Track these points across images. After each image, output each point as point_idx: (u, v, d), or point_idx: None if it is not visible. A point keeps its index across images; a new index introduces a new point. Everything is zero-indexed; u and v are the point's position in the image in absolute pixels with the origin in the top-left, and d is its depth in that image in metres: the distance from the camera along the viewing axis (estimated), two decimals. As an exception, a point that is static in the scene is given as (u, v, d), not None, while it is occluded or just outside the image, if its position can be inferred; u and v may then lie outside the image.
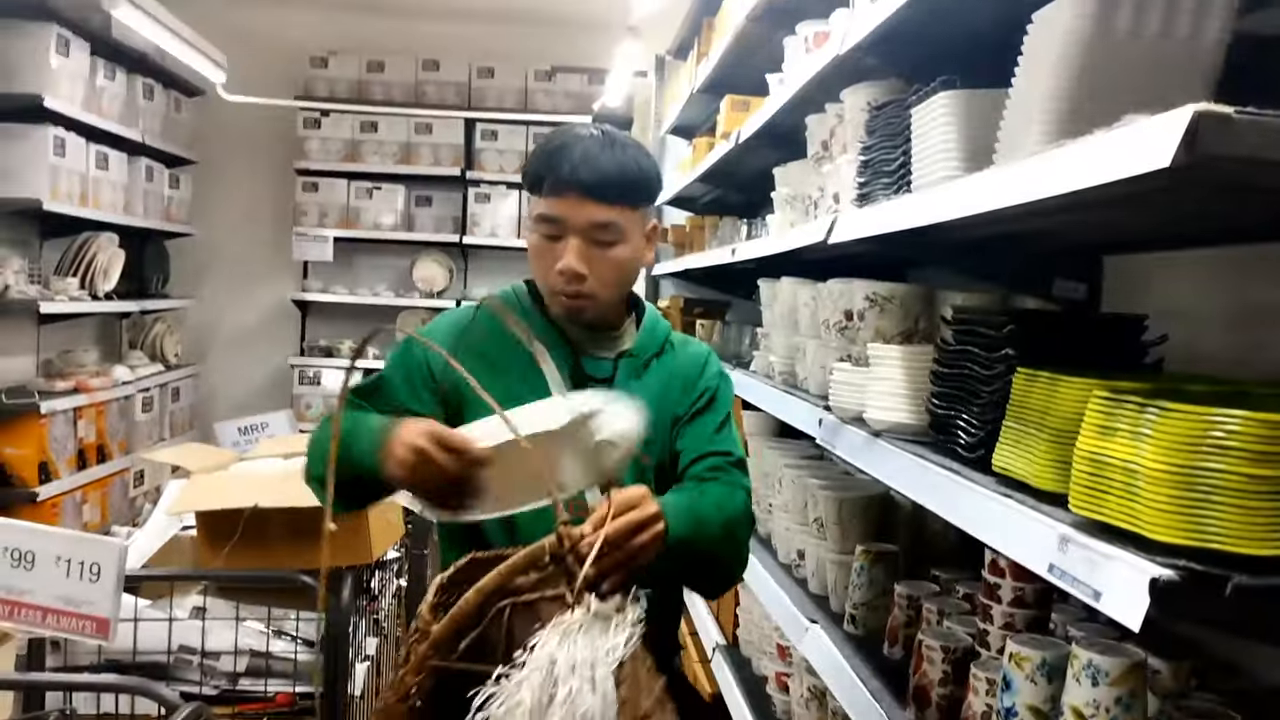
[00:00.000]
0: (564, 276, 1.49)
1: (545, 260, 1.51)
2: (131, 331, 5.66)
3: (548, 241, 1.50)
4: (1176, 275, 1.64)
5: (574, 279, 1.48)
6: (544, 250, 1.51)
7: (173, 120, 5.56)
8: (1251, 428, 0.82)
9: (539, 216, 1.51)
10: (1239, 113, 0.81)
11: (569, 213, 1.48)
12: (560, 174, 1.47)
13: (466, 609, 1.10)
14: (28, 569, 1.86)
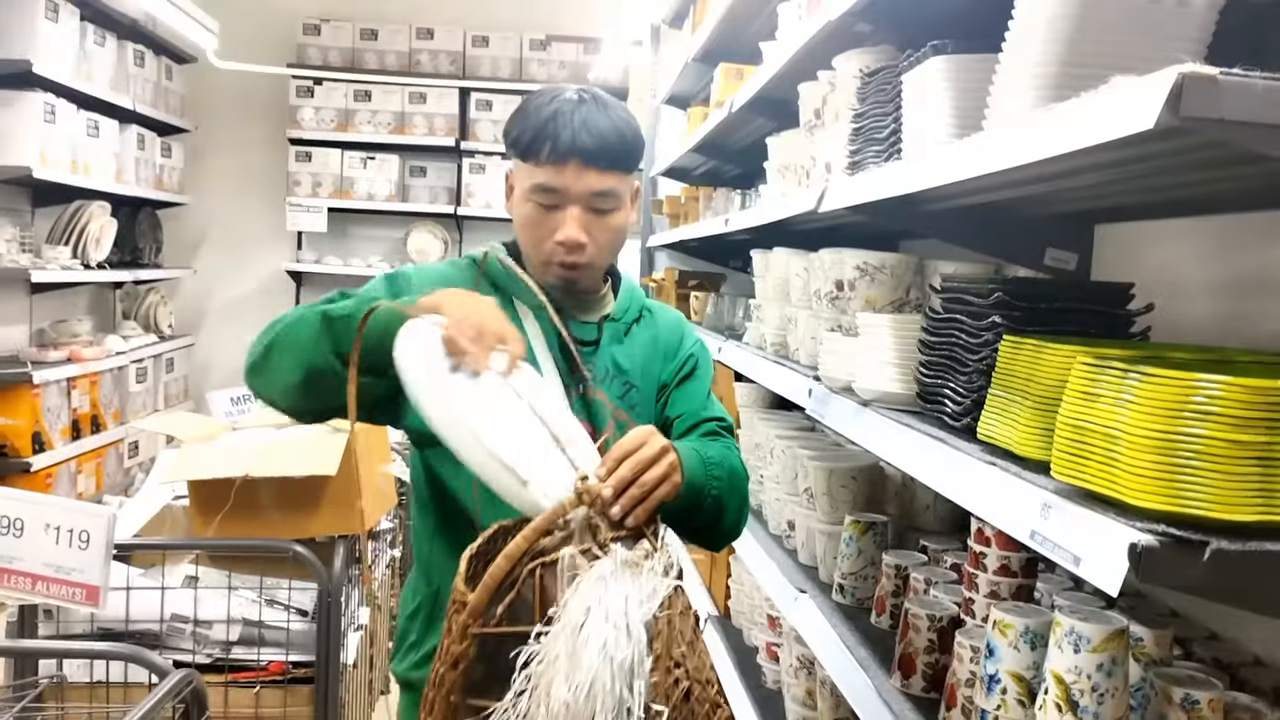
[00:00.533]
0: (565, 247, 1.44)
1: (540, 230, 1.45)
2: (125, 301, 5.64)
3: (544, 211, 1.44)
4: (1167, 245, 1.63)
5: (574, 249, 1.44)
6: (539, 220, 1.45)
7: (164, 88, 5.51)
8: (1233, 393, 0.82)
9: (537, 187, 1.43)
10: (1224, 74, 0.80)
11: (570, 182, 1.42)
12: (560, 142, 1.41)
13: (498, 575, 1.10)
14: (17, 536, 1.86)
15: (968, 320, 1.33)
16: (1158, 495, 0.84)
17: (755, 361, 2.44)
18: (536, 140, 1.43)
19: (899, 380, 1.53)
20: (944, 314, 1.40)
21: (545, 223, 1.44)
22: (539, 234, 1.46)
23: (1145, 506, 0.85)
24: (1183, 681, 1.16)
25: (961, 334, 1.34)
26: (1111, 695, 1.11)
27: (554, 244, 1.45)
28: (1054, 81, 1.13)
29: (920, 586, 1.66)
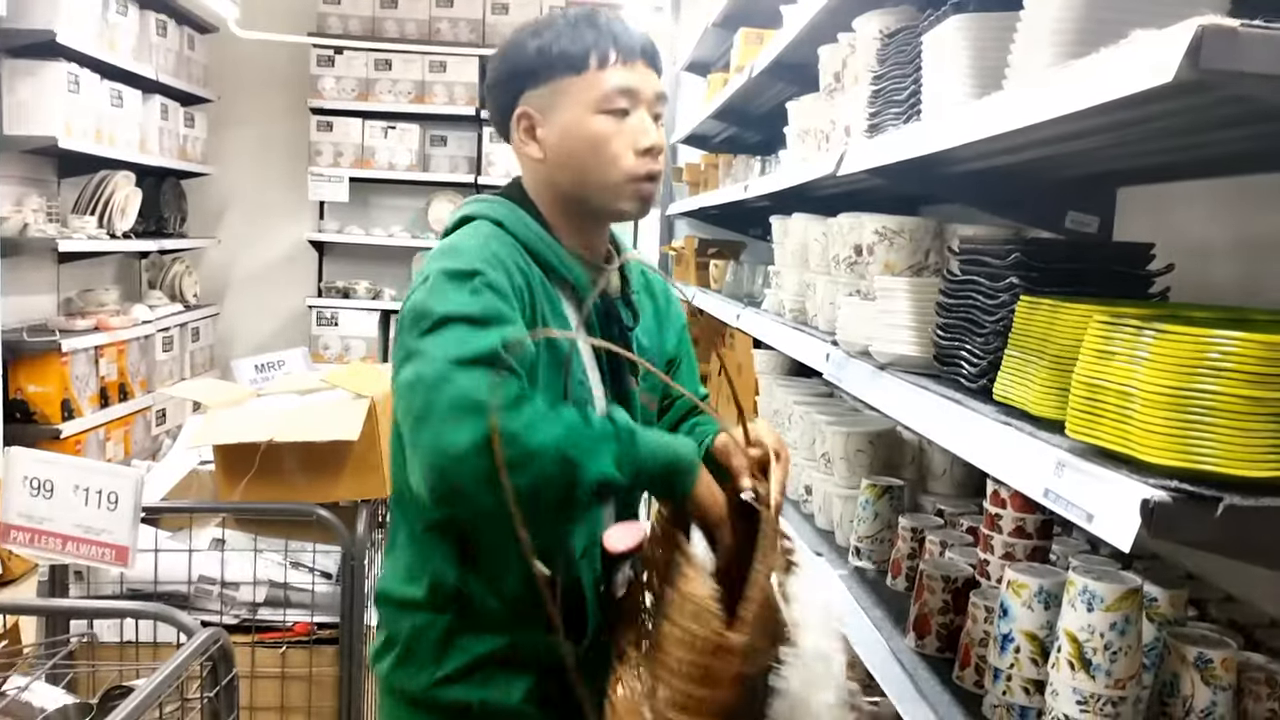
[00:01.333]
0: (651, 154, 1.33)
1: (618, 143, 1.31)
2: (150, 271, 5.70)
3: (618, 122, 1.31)
4: (1190, 206, 1.61)
5: (659, 155, 1.34)
6: (614, 132, 1.31)
7: (186, 58, 5.52)
8: (1249, 349, 0.82)
9: (612, 93, 1.30)
10: (1245, 26, 0.79)
11: (643, 83, 1.33)
12: (624, 41, 1.32)
13: (760, 613, 1.07)
14: (47, 497, 1.90)
15: (985, 282, 1.32)
16: (1171, 452, 0.84)
17: (774, 328, 2.44)
18: (600, 44, 1.32)
19: (916, 343, 1.53)
20: (962, 276, 1.40)
21: (620, 135, 1.32)
22: (616, 148, 1.32)
23: (1158, 463, 0.85)
24: (1196, 641, 1.16)
25: (979, 295, 1.33)
26: (1124, 653, 1.12)
27: (638, 156, 1.32)
28: (1074, 38, 1.11)
29: (936, 549, 1.67)
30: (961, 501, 1.97)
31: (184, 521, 2.46)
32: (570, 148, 1.33)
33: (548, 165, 1.36)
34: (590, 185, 1.34)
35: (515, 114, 1.36)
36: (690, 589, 1.08)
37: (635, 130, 1.32)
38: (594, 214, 1.39)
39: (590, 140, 1.32)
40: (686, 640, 1.06)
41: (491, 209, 1.36)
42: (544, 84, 1.33)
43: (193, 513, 2.48)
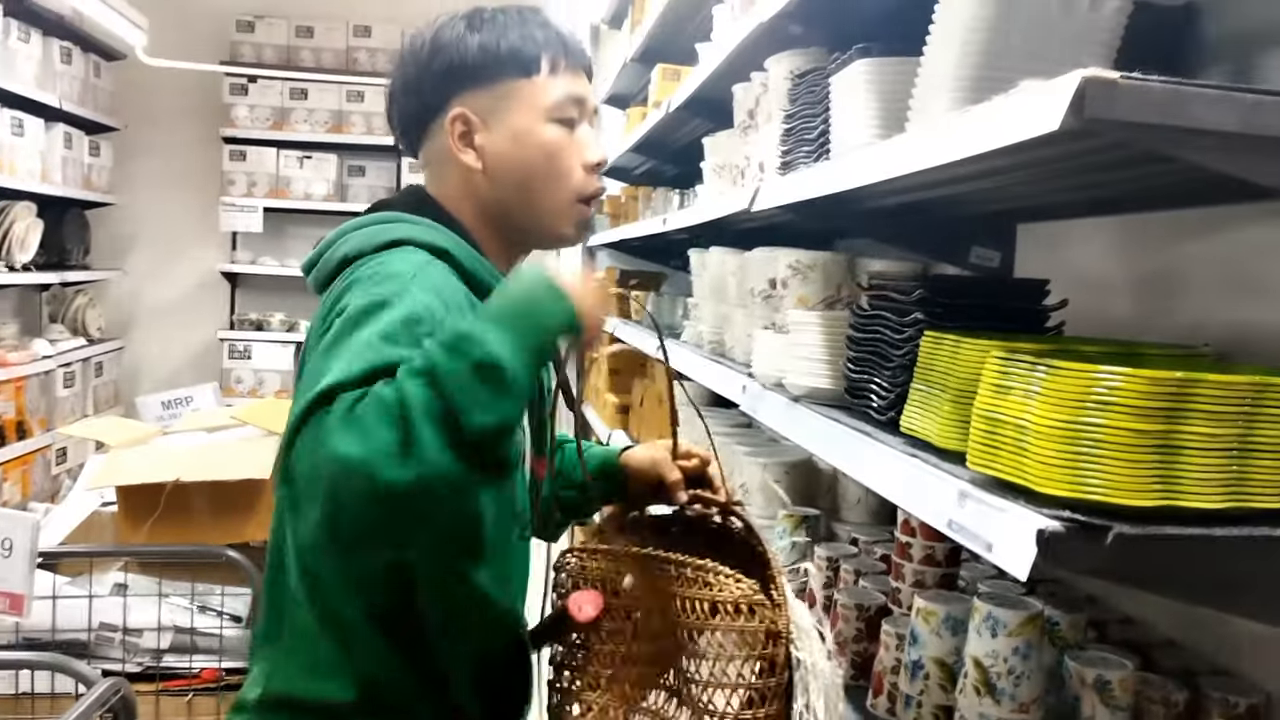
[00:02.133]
0: (598, 170, 1.26)
1: (568, 157, 1.22)
2: (52, 304, 5.50)
3: (568, 130, 1.23)
4: (1085, 243, 1.69)
5: (601, 174, 1.28)
6: (568, 143, 1.22)
7: (92, 85, 5.38)
8: (1133, 384, 0.85)
9: (565, 101, 1.21)
10: (1124, 78, 0.83)
11: (588, 92, 1.26)
12: (573, 46, 1.24)
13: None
14: (-66, 544, 1.81)
15: (892, 317, 1.36)
16: (1063, 483, 0.87)
17: (693, 359, 2.46)
18: (551, 46, 1.22)
19: (828, 376, 1.56)
20: (870, 311, 1.43)
21: (571, 147, 1.23)
22: (566, 162, 1.23)
23: (1052, 494, 0.88)
24: (1095, 663, 1.20)
25: (886, 330, 1.37)
26: (1028, 678, 1.15)
27: (590, 169, 1.25)
28: (971, 85, 1.16)
29: (850, 578, 1.69)
30: (876, 530, 2.00)
31: (84, 566, 2.37)
32: (520, 157, 1.21)
33: (486, 176, 1.22)
34: (535, 201, 1.23)
35: (449, 116, 1.21)
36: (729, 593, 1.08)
37: (583, 143, 1.24)
38: (526, 234, 1.27)
39: (542, 151, 1.21)
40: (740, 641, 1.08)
41: (431, 235, 1.17)
42: (488, 85, 1.20)
43: (94, 557, 2.38)
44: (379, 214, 1.20)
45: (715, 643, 1.08)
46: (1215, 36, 1.37)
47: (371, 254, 1.13)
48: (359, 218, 1.21)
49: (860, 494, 2.09)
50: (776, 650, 1.07)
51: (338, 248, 1.17)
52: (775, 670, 1.06)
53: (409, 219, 1.18)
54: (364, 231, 1.17)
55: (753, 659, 1.07)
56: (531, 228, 1.26)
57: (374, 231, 1.16)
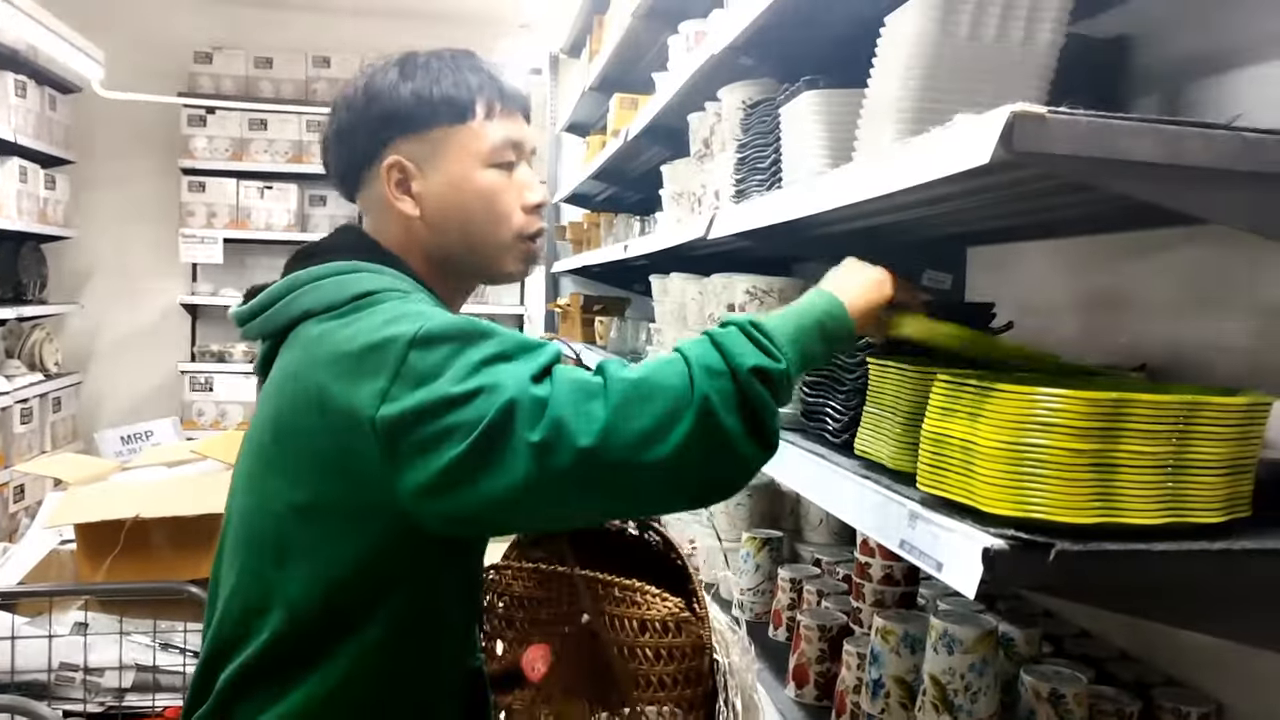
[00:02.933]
0: (539, 212, 1.26)
1: (507, 200, 1.23)
2: (8, 340, 5.41)
3: (506, 173, 1.23)
4: (1031, 265, 1.73)
5: (542, 213, 1.27)
6: (505, 187, 1.23)
7: (48, 118, 5.33)
8: (1072, 405, 0.89)
9: (503, 145, 1.22)
10: (1052, 113, 0.87)
11: (524, 134, 1.26)
12: (508, 89, 1.24)
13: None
14: (-113, 589, 1.78)
15: (844, 341, 1.38)
16: (1008, 502, 0.90)
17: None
18: (485, 90, 1.22)
19: (785, 400, 1.59)
20: (824, 336, 1.46)
21: (510, 190, 1.23)
22: (504, 205, 1.23)
23: (997, 513, 0.91)
24: (1050, 678, 1.23)
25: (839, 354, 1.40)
26: (984, 693, 1.18)
27: (527, 213, 1.25)
28: (912, 116, 1.20)
29: (813, 599, 1.72)
30: (837, 550, 2.03)
31: (43, 606, 2.33)
32: (458, 203, 1.21)
33: (425, 222, 1.22)
34: (477, 245, 1.23)
35: (383, 164, 1.21)
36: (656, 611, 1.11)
37: (522, 185, 1.25)
38: (473, 275, 1.28)
39: (480, 196, 1.21)
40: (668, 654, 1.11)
41: (396, 282, 1.16)
42: (422, 132, 1.20)
43: (53, 596, 2.35)
44: (333, 264, 1.17)
45: (645, 658, 1.11)
46: (1146, 67, 1.42)
47: (344, 307, 1.11)
48: (307, 269, 1.17)
49: (822, 515, 2.12)
50: (701, 661, 1.11)
51: (294, 300, 1.15)
52: (700, 680, 1.10)
53: (368, 267, 1.16)
54: (326, 285, 1.14)
55: (680, 672, 1.10)
56: (477, 269, 1.26)
57: (339, 283, 1.14)
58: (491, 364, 1.00)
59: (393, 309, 1.08)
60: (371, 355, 1.02)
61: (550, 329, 5.38)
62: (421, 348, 1.01)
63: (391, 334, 1.02)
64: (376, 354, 1.02)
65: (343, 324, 1.09)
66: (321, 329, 1.10)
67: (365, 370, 1.02)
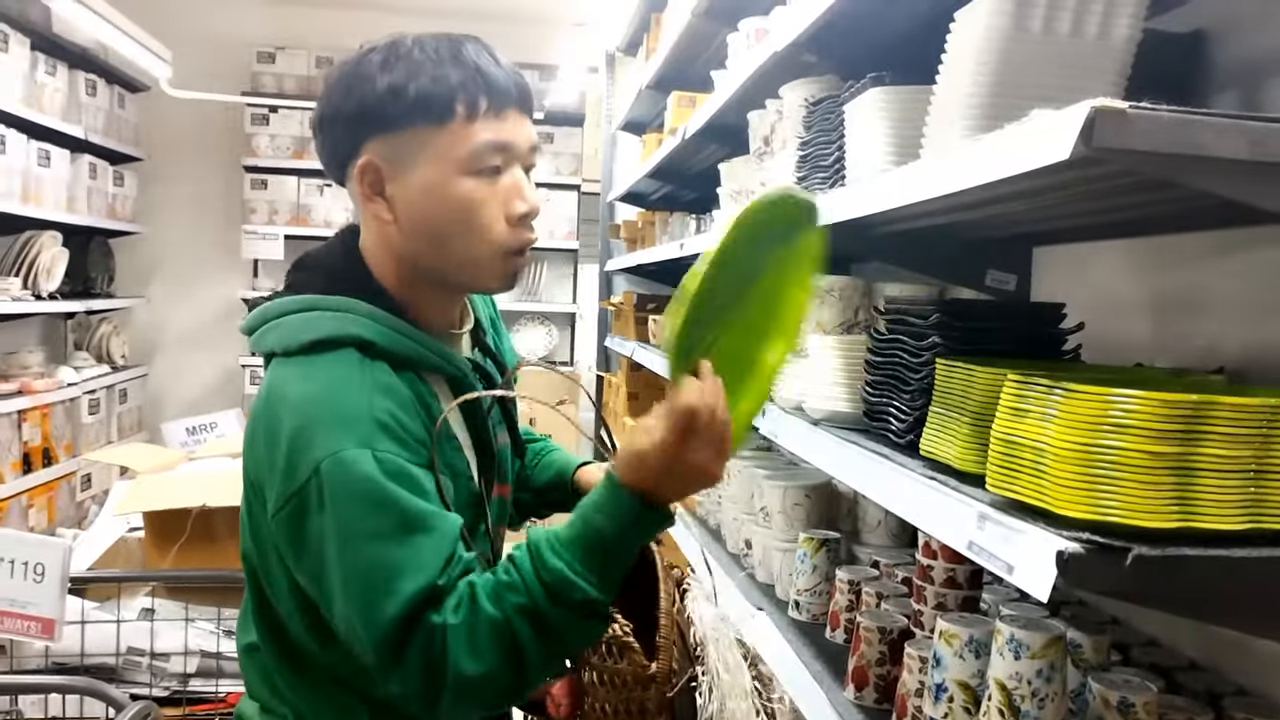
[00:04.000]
0: (526, 222, 1.15)
1: (489, 211, 1.12)
2: (77, 332, 5.57)
3: (488, 184, 1.12)
4: (1101, 266, 1.70)
5: (531, 224, 1.16)
6: (486, 197, 1.11)
7: (116, 117, 5.47)
8: (1149, 406, 0.87)
9: (483, 149, 1.10)
10: (1134, 108, 0.85)
11: (517, 135, 1.14)
12: (498, 85, 1.12)
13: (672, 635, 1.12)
14: (-31, 571, 1.85)
15: (909, 341, 1.37)
16: (1082, 505, 0.88)
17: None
18: (468, 88, 1.10)
19: (847, 400, 1.58)
20: (887, 335, 1.45)
21: (492, 200, 1.12)
22: (486, 217, 1.12)
23: (1071, 516, 0.89)
24: (1119, 686, 1.20)
25: (904, 354, 1.39)
26: (1051, 700, 1.16)
27: (516, 221, 1.14)
28: (983, 112, 1.18)
29: (872, 601, 1.70)
30: (897, 552, 2.01)
31: (112, 591, 2.39)
32: (430, 213, 1.12)
33: (399, 229, 1.14)
34: (452, 260, 1.15)
35: (357, 163, 1.13)
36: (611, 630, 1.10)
37: (509, 192, 1.13)
38: (454, 287, 1.22)
39: (456, 207, 1.11)
40: (616, 679, 1.09)
41: (351, 326, 1.11)
42: (396, 132, 1.10)
43: (121, 582, 2.41)
44: (297, 299, 1.16)
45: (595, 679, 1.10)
46: (1223, 64, 1.39)
47: (296, 353, 1.11)
48: (283, 299, 1.17)
49: (881, 516, 2.10)
50: (649, 694, 1.06)
51: (263, 336, 1.17)
52: (645, 714, 1.06)
53: (329, 305, 1.13)
54: (286, 323, 1.14)
55: (624, 702, 1.07)
56: (453, 282, 1.19)
57: (295, 326, 1.13)
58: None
59: (320, 396, 1.07)
60: (282, 469, 1.06)
61: (604, 327, 5.40)
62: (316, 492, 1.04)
63: (300, 461, 1.04)
64: (285, 474, 1.06)
65: (288, 382, 1.10)
66: (276, 380, 1.12)
67: (274, 479, 1.07)
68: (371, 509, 1.02)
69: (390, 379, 1.10)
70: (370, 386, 1.08)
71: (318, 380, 1.08)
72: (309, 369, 1.10)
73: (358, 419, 1.05)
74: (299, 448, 1.05)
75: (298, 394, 1.08)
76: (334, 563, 1.03)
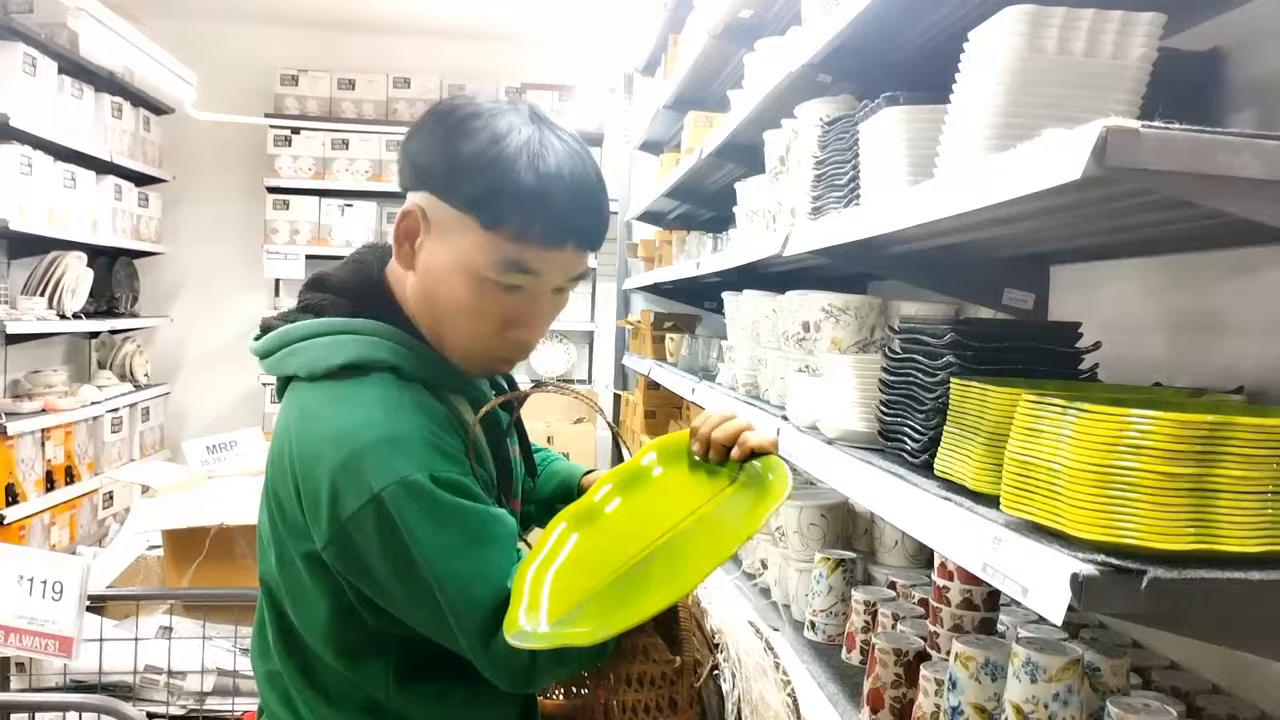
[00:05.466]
0: (520, 346, 1.16)
1: (491, 317, 1.12)
2: (100, 351, 5.63)
3: (505, 293, 1.10)
4: (1119, 285, 1.69)
5: (525, 346, 1.16)
6: (495, 303, 1.11)
7: (142, 138, 5.55)
8: (1165, 427, 0.86)
9: (510, 265, 1.08)
10: (1146, 127, 0.85)
11: (558, 269, 1.11)
12: (560, 220, 1.08)
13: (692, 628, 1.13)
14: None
15: (924, 360, 1.37)
16: (1097, 526, 0.87)
17: (728, 402, 2.48)
18: (531, 210, 1.06)
19: (862, 419, 1.57)
20: (902, 354, 1.44)
21: (495, 312, 1.12)
22: (489, 323, 1.12)
23: (1086, 538, 0.88)
24: (1138, 710, 1.19)
25: (919, 373, 1.38)
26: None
27: (509, 339, 1.14)
28: (998, 131, 1.18)
29: (888, 622, 1.69)
30: (913, 573, 1.99)
31: (130, 609, 2.41)
32: (438, 290, 1.12)
33: (416, 280, 1.16)
34: (442, 334, 1.15)
35: (409, 200, 1.13)
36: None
37: (519, 311, 1.12)
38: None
39: (460, 301, 1.11)
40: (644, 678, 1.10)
41: (381, 351, 1.11)
42: (448, 204, 1.09)
43: (139, 600, 2.43)
44: (323, 322, 1.15)
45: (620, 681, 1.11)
46: (1240, 82, 1.38)
47: (324, 378, 1.11)
48: (305, 321, 1.16)
49: (898, 536, 2.08)
50: (677, 687, 1.08)
51: (285, 359, 1.16)
52: (675, 707, 1.08)
53: (357, 329, 1.13)
54: (311, 347, 1.13)
55: (653, 699, 1.08)
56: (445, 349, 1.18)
57: (323, 350, 1.12)
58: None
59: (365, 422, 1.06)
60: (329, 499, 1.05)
61: (621, 346, 5.41)
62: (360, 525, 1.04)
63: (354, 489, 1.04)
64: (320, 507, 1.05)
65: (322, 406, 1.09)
66: (306, 404, 1.11)
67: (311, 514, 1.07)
68: (442, 528, 1.04)
69: (428, 400, 1.11)
70: (413, 409, 1.08)
71: (358, 406, 1.08)
72: (342, 394, 1.09)
73: (410, 443, 1.05)
74: (351, 477, 1.04)
75: (339, 421, 1.07)
76: (418, 580, 1.04)
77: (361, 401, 1.08)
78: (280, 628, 1.21)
